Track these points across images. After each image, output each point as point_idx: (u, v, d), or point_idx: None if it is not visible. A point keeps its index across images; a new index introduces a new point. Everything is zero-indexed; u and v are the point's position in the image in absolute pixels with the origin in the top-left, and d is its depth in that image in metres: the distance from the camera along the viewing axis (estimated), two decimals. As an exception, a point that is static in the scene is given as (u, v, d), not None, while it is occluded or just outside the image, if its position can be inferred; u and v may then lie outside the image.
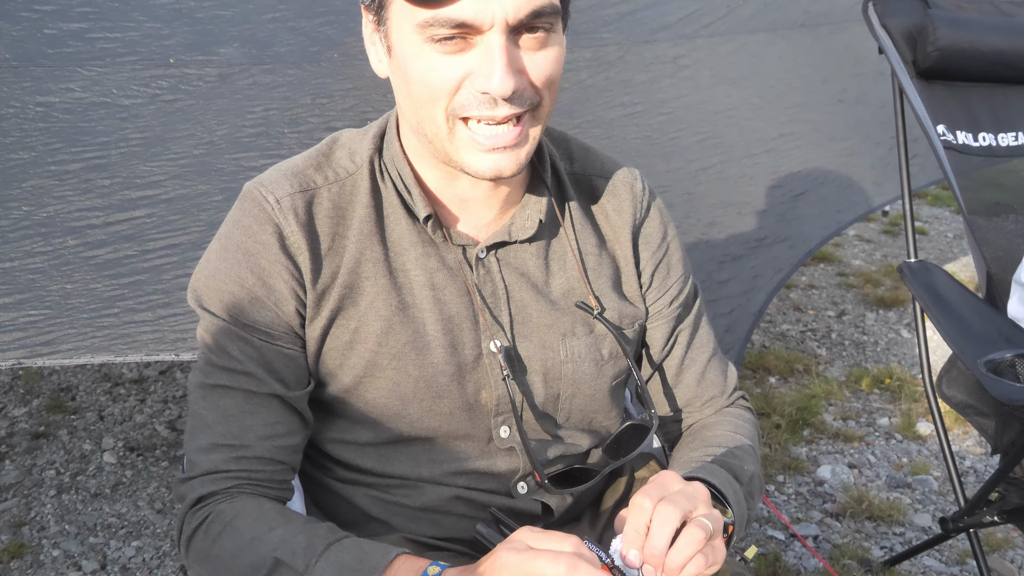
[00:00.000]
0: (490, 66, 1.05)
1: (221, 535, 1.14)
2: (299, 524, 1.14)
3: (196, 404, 1.20)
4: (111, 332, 1.72)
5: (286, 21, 2.35)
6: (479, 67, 1.06)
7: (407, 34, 1.08)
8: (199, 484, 1.18)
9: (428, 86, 1.09)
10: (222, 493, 1.18)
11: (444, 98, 1.09)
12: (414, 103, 1.12)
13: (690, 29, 3.09)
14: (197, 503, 1.18)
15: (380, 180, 1.22)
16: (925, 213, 5.51)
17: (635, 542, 1.01)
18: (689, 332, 1.40)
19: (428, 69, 1.08)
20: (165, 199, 1.93)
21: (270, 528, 1.12)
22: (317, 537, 1.10)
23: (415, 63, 1.08)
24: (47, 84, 1.99)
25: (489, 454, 1.28)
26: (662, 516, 1.00)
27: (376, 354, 1.20)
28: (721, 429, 1.37)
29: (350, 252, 1.19)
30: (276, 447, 1.20)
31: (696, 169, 2.82)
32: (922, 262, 2.37)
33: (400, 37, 1.09)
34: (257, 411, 1.19)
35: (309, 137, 2.14)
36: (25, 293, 1.70)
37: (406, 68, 1.10)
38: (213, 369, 1.19)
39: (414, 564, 1.06)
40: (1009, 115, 2.50)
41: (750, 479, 1.28)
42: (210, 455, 1.18)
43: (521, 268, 1.27)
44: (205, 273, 1.21)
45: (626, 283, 1.34)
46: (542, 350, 1.27)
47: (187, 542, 1.18)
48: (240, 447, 1.18)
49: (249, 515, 1.15)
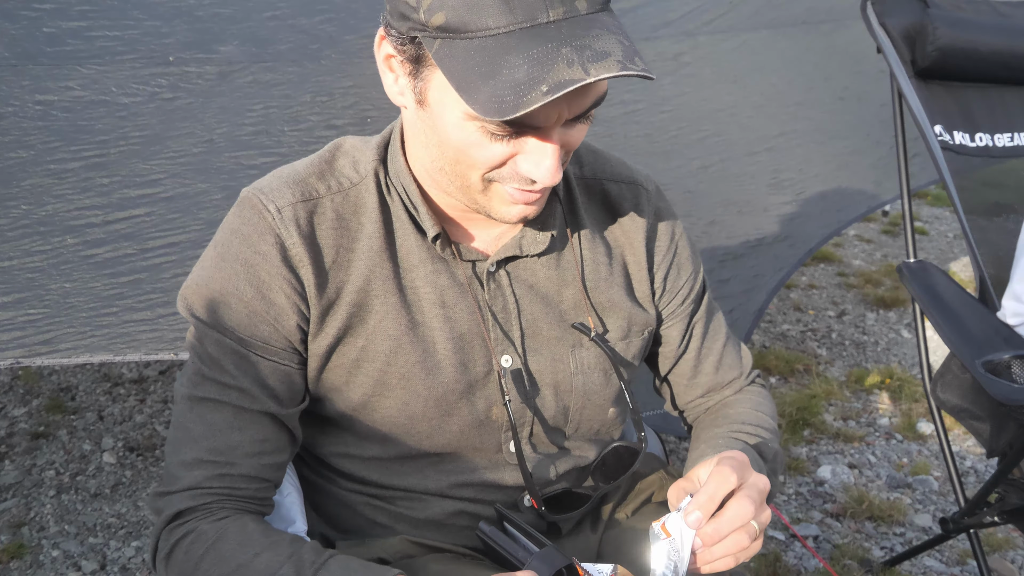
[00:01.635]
0: (542, 160, 1.03)
1: (204, 559, 1.09)
2: (284, 548, 1.09)
3: (182, 415, 1.16)
4: (110, 331, 1.72)
5: (286, 19, 2.34)
6: (528, 154, 1.03)
7: (451, 108, 1.02)
8: (178, 499, 1.13)
9: (468, 157, 1.05)
10: (202, 509, 1.13)
11: (484, 169, 1.06)
12: (444, 160, 1.09)
13: (691, 26, 3.08)
14: (175, 519, 1.13)
15: (387, 194, 1.19)
16: (925, 213, 5.51)
17: (707, 509, 1.03)
18: (703, 323, 1.40)
19: (472, 145, 1.04)
20: (164, 197, 1.92)
21: (255, 554, 1.08)
22: (304, 564, 1.06)
23: (456, 133, 1.04)
24: (46, 83, 1.98)
25: (497, 467, 1.27)
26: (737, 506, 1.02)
27: (384, 373, 1.17)
28: (743, 407, 1.37)
29: (359, 268, 1.16)
30: (262, 465, 1.16)
31: (697, 167, 2.81)
32: (921, 262, 2.37)
33: (442, 102, 1.03)
34: (246, 428, 1.14)
35: (309, 135, 2.13)
36: (24, 292, 1.70)
37: (444, 132, 1.05)
38: (203, 381, 1.15)
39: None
40: (1006, 116, 2.51)
41: (774, 456, 1.29)
42: (193, 471, 1.14)
43: (531, 281, 1.25)
44: (198, 280, 1.16)
45: (638, 288, 1.32)
46: (552, 363, 1.25)
47: (165, 560, 1.12)
48: (225, 464, 1.14)
49: (233, 538, 1.10)
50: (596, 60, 0.93)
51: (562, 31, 0.95)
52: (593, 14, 0.98)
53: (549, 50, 0.94)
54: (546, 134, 1.02)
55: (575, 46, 0.94)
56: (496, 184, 1.08)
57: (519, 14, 0.94)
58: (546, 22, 0.95)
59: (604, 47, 0.95)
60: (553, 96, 0.92)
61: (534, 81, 0.93)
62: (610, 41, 0.95)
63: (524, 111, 0.93)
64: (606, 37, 0.96)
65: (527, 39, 0.94)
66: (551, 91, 0.92)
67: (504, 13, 0.94)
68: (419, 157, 1.16)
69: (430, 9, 0.97)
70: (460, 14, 0.95)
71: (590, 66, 0.93)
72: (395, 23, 1.02)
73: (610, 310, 1.29)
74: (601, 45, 0.95)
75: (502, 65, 0.94)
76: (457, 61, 0.97)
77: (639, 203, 1.31)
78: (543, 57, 0.93)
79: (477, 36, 0.95)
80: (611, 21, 0.99)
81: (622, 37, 0.97)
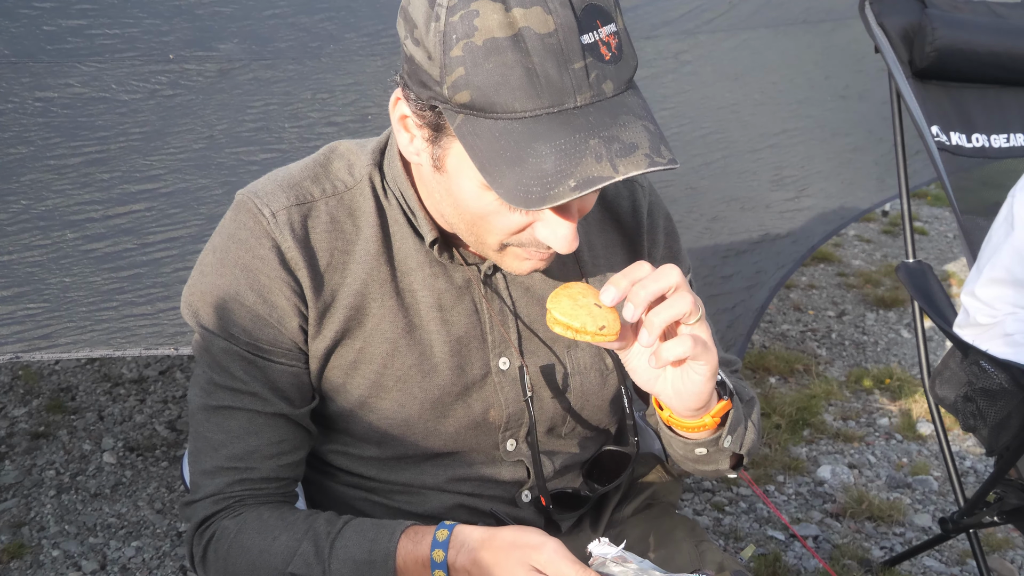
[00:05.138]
0: (560, 231, 1.03)
1: (229, 553, 1.15)
2: (300, 525, 1.14)
3: (200, 426, 1.18)
4: (110, 326, 1.72)
5: (286, 17, 2.35)
6: (548, 224, 1.03)
7: (470, 177, 1.01)
8: (202, 507, 1.18)
9: (486, 223, 1.05)
10: (225, 511, 1.18)
11: (501, 236, 1.06)
12: (460, 220, 1.09)
13: (692, 25, 3.09)
14: (202, 524, 1.18)
15: (383, 198, 1.19)
16: (925, 213, 5.51)
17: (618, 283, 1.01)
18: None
19: (491, 213, 1.04)
20: (165, 193, 1.92)
21: (273, 538, 1.13)
22: (320, 537, 1.11)
23: (474, 202, 1.04)
24: (46, 80, 1.99)
25: (494, 463, 1.27)
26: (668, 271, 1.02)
27: (381, 375, 1.18)
28: None
29: (356, 272, 1.16)
30: (280, 465, 1.19)
31: (699, 164, 2.82)
32: (920, 263, 2.38)
33: (460, 170, 1.03)
34: (262, 431, 1.17)
35: (310, 132, 2.13)
36: (24, 286, 1.70)
37: (461, 198, 1.05)
38: (216, 389, 1.17)
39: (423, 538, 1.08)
40: (1003, 117, 2.52)
41: (750, 401, 1.28)
42: (215, 479, 1.18)
43: (527, 283, 1.25)
44: (202, 288, 1.17)
45: None
46: (550, 364, 1.26)
47: (202, 563, 1.19)
48: (245, 469, 1.17)
49: (252, 528, 1.15)
50: (624, 155, 0.92)
51: (590, 119, 0.94)
52: (619, 95, 0.97)
53: (577, 141, 0.93)
54: (565, 211, 1.02)
55: (603, 137, 0.93)
56: (513, 249, 1.09)
57: (546, 99, 0.93)
58: (573, 107, 0.94)
59: (632, 138, 0.94)
60: (581, 193, 0.92)
61: (562, 175, 0.92)
62: (636, 130, 0.95)
63: (551, 204, 0.92)
64: (633, 125, 0.95)
65: (555, 126, 0.93)
66: (579, 187, 0.92)
67: (532, 97, 0.93)
68: (430, 201, 1.15)
69: (455, 86, 0.95)
70: (487, 95, 0.94)
71: (618, 162, 0.92)
72: (414, 88, 1.01)
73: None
74: (629, 136, 0.94)
75: (529, 153, 0.93)
76: (481, 141, 0.96)
77: (636, 199, 1.32)
78: (571, 149, 0.92)
79: (503, 118, 0.94)
80: (636, 102, 0.98)
81: (648, 122, 0.96)
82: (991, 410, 1.96)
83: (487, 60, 0.92)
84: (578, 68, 0.93)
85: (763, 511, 2.74)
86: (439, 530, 1.08)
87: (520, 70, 0.92)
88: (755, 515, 2.74)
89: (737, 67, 3.19)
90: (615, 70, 0.96)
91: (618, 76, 0.96)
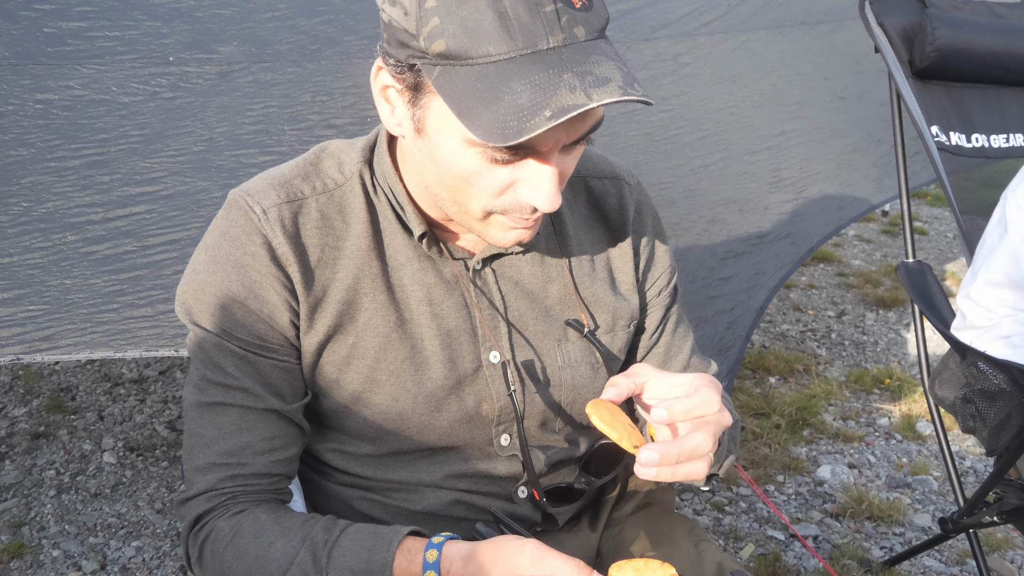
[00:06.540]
0: (542, 186, 1.04)
1: (225, 556, 1.15)
2: (297, 532, 1.14)
3: (193, 423, 1.19)
4: (110, 328, 1.72)
5: (286, 19, 2.35)
6: (529, 180, 1.04)
7: (451, 135, 1.03)
8: (195, 504, 1.18)
9: (469, 185, 1.06)
10: (219, 509, 1.18)
11: (485, 199, 1.07)
12: (442, 187, 1.10)
13: (691, 27, 3.10)
14: (196, 523, 1.19)
15: (373, 194, 1.20)
16: (925, 213, 5.52)
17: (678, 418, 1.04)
18: (675, 320, 1.41)
19: (473, 172, 1.04)
20: (165, 195, 1.92)
21: (270, 543, 1.13)
22: (317, 545, 1.11)
23: (456, 160, 1.04)
24: (46, 82, 1.99)
25: (489, 458, 1.28)
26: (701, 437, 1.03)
27: (374, 370, 1.19)
28: None
29: (347, 267, 1.17)
30: (273, 461, 1.19)
31: (697, 166, 2.82)
32: (919, 263, 2.38)
33: (440, 129, 1.04)
34: (254, 427, 1.18)
35: (309, 134, 2.14)
36: (24, 289, 1.70)
37: (443, 160, 1.06)
38: (208, 385, 1.18)
39: (415, 556, 1.08)
40: (1002, 117, 2.51)
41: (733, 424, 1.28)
42: (207, 475, 1.18)
43: (516, 277, 1.26)
44: (194, 286, 1.18)
45: (624, 281, 1.34)
46: (540, 358, 1.27)
47: (198, 563, 1.19)
48: (237, 465, 1.18)
49: (247, 531, 1.15)
50: (598, 85, 0.94)
51: (563, 57, 0.96)
52: (591, 41, 0.99)
53: (551, 76, 0.94)
54: (545, 159, 1.03)
55: (576, 72, 0.95)
56: (496, 217, 1.10)
57: (519, 41, 0.95)
58: (546, 48, 0.96)
59: (605, 73, 0.96)
60: (557, 121, 0.93)
61: (537, 106, 0.93)
62: (610, 67, 0.97)
63: (528, 136, 0.93)
64: (605, 63, 0.97)
65: (528, 65, 0.95)
66: (555, 116, 0.93)
67: (505, 40, 0.95)
68: (415, 181, 1.17)
69: (430, 36, 0.97)
70: (461, 41, 0.96)
71: (592, 91, 0.94)
72: (393, 51, 1.03)
73: (595, 305, 1.31)
74: (601, 71, 0.96)
75: (504, 91, 0.95)
76: (458, 87, 0.97)
77: (623, 197, 1.33)
78: (545, 83, 0.94)
79: (478, 63, 0.96)
80: (609, 48, 1.00)
81: (620, 64, 0.98)
82: (990, 411, 1.96)
83: (460, 7, 0.95)
84: (549, 11, 0.96)
85: (763, 511, 2.75)
86: (428, 551, 1.08)
87: (492, 14, 0.95)
88: (755, 515, 2.74)
89: (736, 69, 3.19)
90: (586, 17, 0.98)
91: (588, 23, 0.99)
